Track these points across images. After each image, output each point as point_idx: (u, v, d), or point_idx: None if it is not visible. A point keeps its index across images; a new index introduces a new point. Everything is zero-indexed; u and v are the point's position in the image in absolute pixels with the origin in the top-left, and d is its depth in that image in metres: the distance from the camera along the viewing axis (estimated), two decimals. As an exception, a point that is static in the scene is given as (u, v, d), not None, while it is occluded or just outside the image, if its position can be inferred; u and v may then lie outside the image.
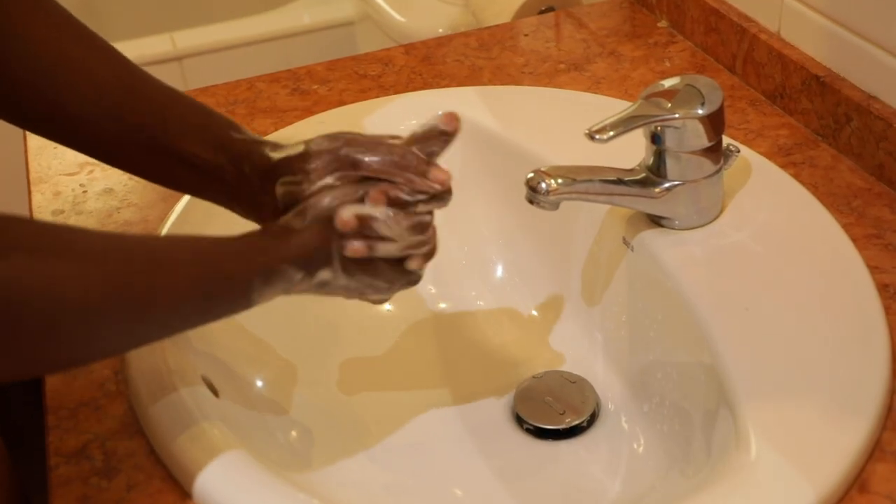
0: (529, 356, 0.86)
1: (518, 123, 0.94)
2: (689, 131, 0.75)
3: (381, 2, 1.66)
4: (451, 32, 1.28)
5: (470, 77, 1.05)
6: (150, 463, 0.67)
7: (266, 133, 0.97)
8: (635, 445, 0.77)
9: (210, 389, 0.72)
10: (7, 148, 0.84)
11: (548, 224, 0.85)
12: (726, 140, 0.79)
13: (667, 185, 0.77)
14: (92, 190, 0.92)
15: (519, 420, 0.80)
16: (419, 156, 0.66)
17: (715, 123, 0.75)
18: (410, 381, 0.86)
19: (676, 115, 0.74)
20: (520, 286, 0.91)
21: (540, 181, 0.73)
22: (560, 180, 0.73)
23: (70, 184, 0.93)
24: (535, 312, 0.89)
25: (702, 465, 0.69)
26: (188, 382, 0.70)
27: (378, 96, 1.01)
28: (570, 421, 0.79)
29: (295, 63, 1.10)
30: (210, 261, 0.62)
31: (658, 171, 0.77)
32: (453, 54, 1.09)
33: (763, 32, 0.97)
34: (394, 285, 0.68)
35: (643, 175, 0.77)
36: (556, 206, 0.74)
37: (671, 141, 0.75)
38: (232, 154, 0.69)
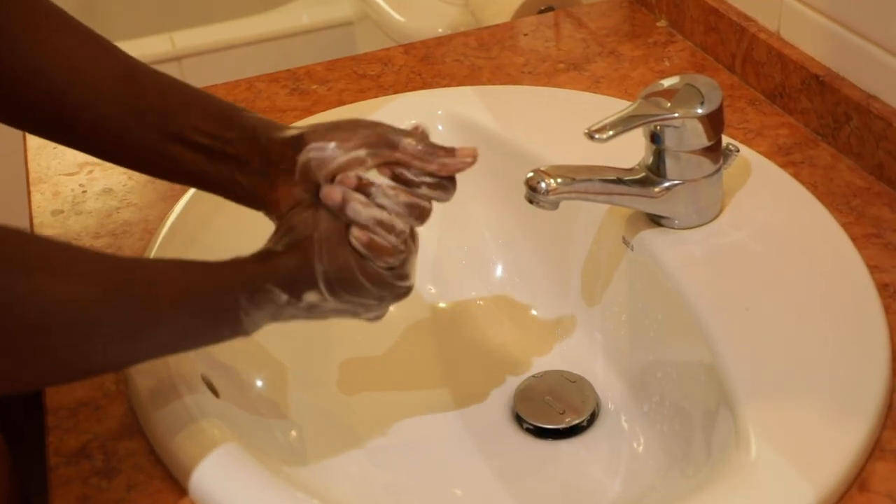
0: (529, 356, 0.86)
1: (517, 123, 0.94)
2: (689, 131, 0.75)
3: (381, 2, 1.66)
4: (451, 32, 1.28)
5: (469, 77, 1.05)
6: (151, 463, 0.67)
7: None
8: (635, 445, 0.77)
9: (210, 389, 0.72)
10: (6, 148, 0.84)
11: (547, 224, 0.85)
12: (726, 139, 0.79)
13: (666, 185, 0.77)
14: (91, 190, 0.92)
15: (519, 419, 0.80)
16: (446, 148, 0.67)
17: (714, 123, 0.75)
18: (410, 381, 0.86)
19: (676, 115, 0.74)
20: (520, 286, 0.91)
21: (539, 181, 0.73)
22: (560, 180, 0.73)
23: (69, 184, 0.93)
24: (535, 312, 0.89)
25: (702, 465, 0.69)
26: (188, 383, 0.70)
27: (377, 96, 1.01)
28: (570, 420, 0.79)
29: (294, 63, 1.10)
30: (197, 280, 0.62)
31: (658, 171, 0.77)
32: (453, 54, 1.09)
33: (762, 32, 0.97)
34: (384, 301, 0.67)
35: (643, 174, 0.77)
36: (556, 206, 0.74)
37: (671, 140, 0.75)
38: (243, 128, 0.68)
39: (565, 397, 0.81)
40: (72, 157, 0.95)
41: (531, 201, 0.74)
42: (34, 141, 0.98)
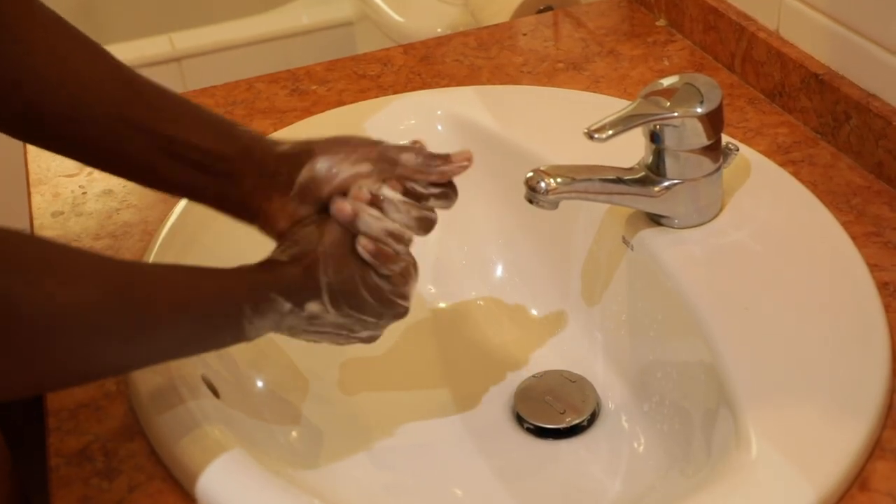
0: (529, 355, 0.86)
1: (517, 123, 0.94)
2: (689, 130, 0.75)
3: (380, 2, 1.66)
4: (450, 32, 1.28)
5: (469, 77, 1.05)
6: (151, 464, 0.67)
7: (265, 133, 0.96)
8: (635, 445, 0.77)
9: (210, 390, 0.72)
10: (7, 149, 0.84)
11: (547, 223, 0.85)
12: (725, 138, 0.79)
13: (666, 184, 0.77)
14: (91, 191, 0.92)
15: (519, 419, 0.80)
16: (442, 156, 0.68)
17: (714, 122, 0.75)
18: (410, 381, 0.86)
19: (675, 114, 0.74)
20: (520, 286, 0.91)
21: (539, 180, 0.73)
22: (559, 179, 0.73)
23: (69, 185, 0.93)
24: (535, 312, 0.89)
25: (702, 465, 0.69)
26: (189, 383, 0.70)
27: (377, 96, 1.01)
28: (571, 420, 0.79)
29: (294, 63, 1.10)
30: (201, 286, 0.62)
31: (657, 170, 0.77)
32: (452, 54, 1.09)
33: (762, 31, 0.97)
34: (381, 319, 0.68)
35: (642, 174, 0.77)
36: (556, 206, 0.74)
37: (670, 140, 0.75)
38: (239, 144, 0.69)
39: (565, 397, 0.81)
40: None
41: (531, 201, 0.74)
42: (34, 142, 0.98)
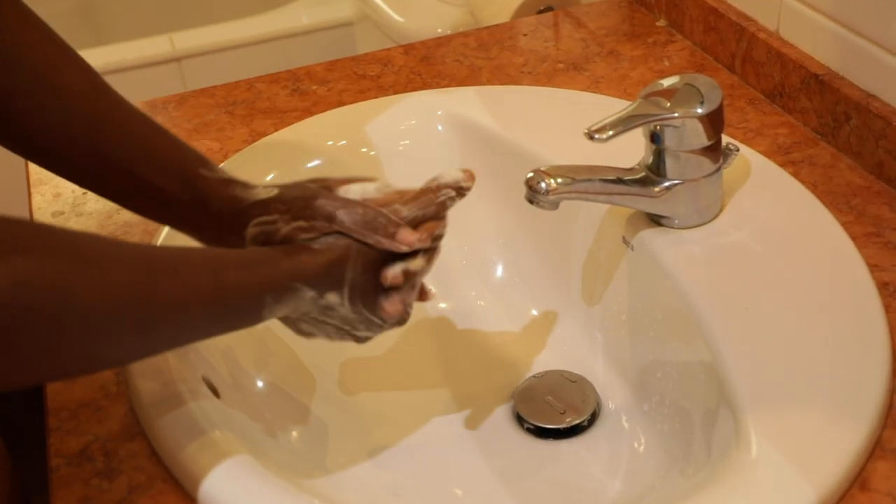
0: (530, 355, 0.86)
1: (517, 123, 0.94)
2: (689, 130, 0.75)
3: (380, 2, 1.66)
4: (450, 32, 1.28)
5: (469, 77, 1.05)
6: (152, 464, 0.67)
7: (266, 133, 0.97)
8: (636, 445, 0.77)
9: (211, 390, 0.72)
10: (7, 149, 0.84)
11: (548, 224, 0.85)
12: (725, 139, 0.79)
13: (666, 184, 0.77)
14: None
15: (519, 419, 0.80)
16: (389, 217, 0.68)
17: (714, 122, 0.75)
18: (411, 381, 0.86)
19: (676, 115, 0.74)
20: (520, 286, 0.91)
21: (539, 181, 0.73)
22: (560, 180, 0.73)
23: (70, 185, 0.93)
24: (536, 312, 0.89)
25: (702, 465, 0.69)
26: (189, 383, 0.70)
27: (377, 96, 1.01)
28: (571, 420, 0.79)
29: (294, 63, 1.10)
30: (224, 275, 0.62)
31: (657, 171, 0.77)
32: (452, 54, 1.09)
33: (762, 31, 0.97)
34: (385, 323, 0.70)
35: (643, 174, 0.77)
36: (556, 206, 0.74)
37: (670, 140, 0.75)
38: (199, 192, 0.69)
39: (566, 397, 0.81)
40: (72, 159, 0.95)
41: (531, 201, 0.74)
42: (34, 142, 0.98)
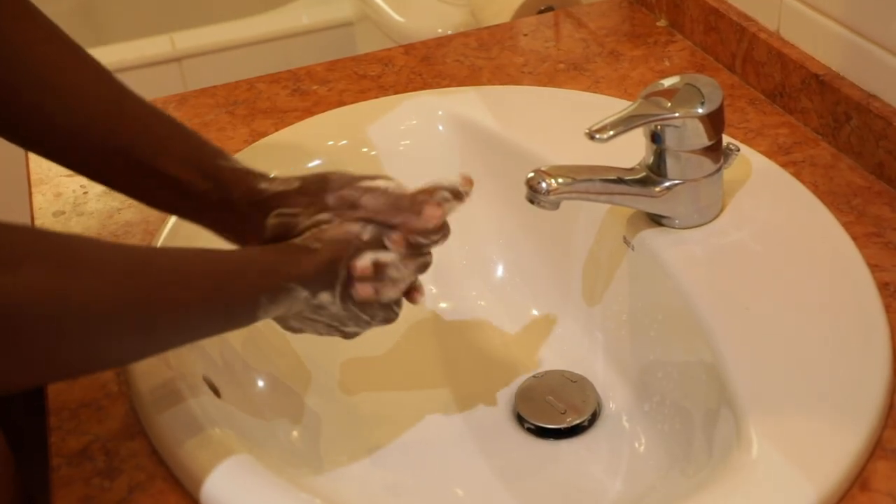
0: (530, 355, 0.86)
1: (518, 123, 0.94)
2: (689, 130, 0.75)
3: (381, 2, 1.66)
4: (451, 32, 1.28)
5: (470, 77, 1.05)
6: (153, 463, 0.67)
7: (266, 133, 0.97)
8: (636, 445, 0.78)
9: (211, 389, 0.72)
10: (7, 149, 0.84)
11: (548, 224, 0.85)
12: (726, 139, 0.79)
13: (667, 184, 0.77)
14: (93, 191, 0.92)
15: (520, 419, 0.80)
16: (412, 197, 0.68)
17: (715, 122, 0.75)
18: (411, 381, 0.86)
19: (676, 115, 0.74)
20: (520, 286, 0.91)
21: (540, 181, 0.73)
22: (560, 180, 0.73)
23: (71, 185, 0.93)
24: (536, 312, 0.89)
25: (703, 465, 0.69)
26: (189, 383, 0.70)
27: (378, 97, 1.01)
28: (571, 420, 0.79)
29: (294, 63, 1.10)
30: (220, 278, 0.62)
31: (658, 171, 0.77)
32: (453, 54, 1.09)
33: (762, 31, 0.97)
34: (373, 319, 0.70)
35: (643, 174, 0.77)
36: (557, 206, 0.74)
37: (671, 140, 0.75)
38: (219, 181, 0.70)
39: (566, 397, 0.81)
40: (73, 158, 0.95)
41: (532, 201, 0.74)
42: (35, 142, 0.98)
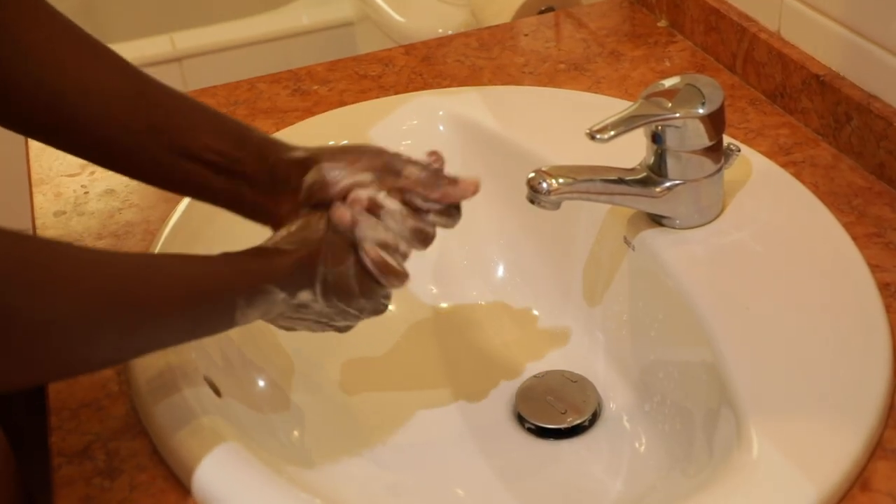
0: (531, 355, 0.86)
1: (519, 123, 0.94)
2: (690, 131, 0.75)
3: (381, 2, 1.66)
4: (451, 32, 1.28)
5: (470, 77, 1.05)
6: (153, 463, 0.67)
7: (269, 134, 0.97)
8: (637, 445, 0.78)
9: (212, 389, 0.72)
10: (8, 149, 0.85)
11: (549, 224, 0.85)
12: (727, 139, 0.79)
13: (668, 185, 0.77)
14: (93, 191, 0.92)
15: (520, 419, 0.80)
16: (450, 178, 0.69)
17: (715, 123, 0.75)
18: (412, 381, 0.86)
19: (677, 115, 0.74)
20: (521, 286, 0.91)
21: (541, 181, 0.73)
22: (561, 180, 0.73)
23: (71, 185, 0.93)
24: (537, 312, 0.89)
25: (703, 465, 0.69)
26: (190, 382, 0.70)
27: (379, 97, 1.01)
28: (572, 420, 0.79)
29: (294, 64, 1.10)
30: (197, 282, 0.62)
31: (659, 171, 0.77)
32: (453, 54, 1.09)
33: (763, 32, 0.97)
34: (362, 313, 0.69)
35: (644, 174, 0.77)
36: (558, 206, 0.74)
37: (672, 140, 0.75)
38: (253, 146, 0.70)
39: (567, 397, 0.81)
40: (74, 158, 0.94)
41: (533, 201, 0.74)
42: (36, 142, 0.98)
